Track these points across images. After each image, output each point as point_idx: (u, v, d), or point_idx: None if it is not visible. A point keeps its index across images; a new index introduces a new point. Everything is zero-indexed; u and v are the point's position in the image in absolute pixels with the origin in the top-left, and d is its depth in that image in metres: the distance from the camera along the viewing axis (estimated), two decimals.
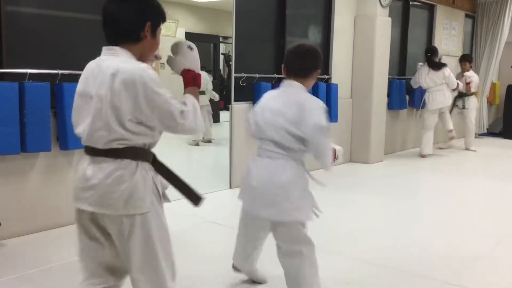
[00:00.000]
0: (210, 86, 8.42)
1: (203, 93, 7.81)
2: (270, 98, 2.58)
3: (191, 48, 2.04)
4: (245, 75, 5.38)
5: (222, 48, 12.98)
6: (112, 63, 1.80)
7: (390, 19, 6.92)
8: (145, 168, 1.83)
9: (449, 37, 9.22)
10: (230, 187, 5.29)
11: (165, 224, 1.90)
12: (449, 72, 7.37)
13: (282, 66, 2.61)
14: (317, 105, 2.41)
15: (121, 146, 1.79)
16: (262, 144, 2.51)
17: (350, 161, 6.99)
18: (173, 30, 11.17)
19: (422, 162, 7.16)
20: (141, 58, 1.92)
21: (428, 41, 8.72)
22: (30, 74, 3.56)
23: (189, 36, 11.73)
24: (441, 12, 8.80)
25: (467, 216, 4.58)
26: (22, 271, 3.05)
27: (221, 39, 12.64)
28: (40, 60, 3.72)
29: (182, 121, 1.81)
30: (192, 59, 2.04)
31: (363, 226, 4.18)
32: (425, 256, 3.48)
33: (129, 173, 1.79)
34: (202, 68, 9.31)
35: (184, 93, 1.96)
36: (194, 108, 1.88)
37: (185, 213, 4.33)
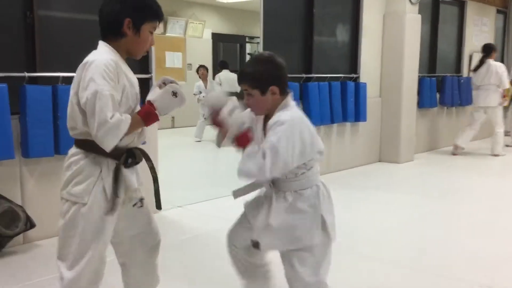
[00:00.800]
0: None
1: (236, 94, 7.79)
2: None
3: (174, 95, 1.97)
4: None
5: (248, 48, 13.01)
6: (89, 56, 1.90)
7: (419, 16, 6.81)
8: (97, 162, 1.91)
9: (480, 33, 9.01)
10: None
11: (100, 221, 1.93)
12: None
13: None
14: None
15: (75, 137, 1.97)
16: None
17: (379, 161, 6.90)
18: (200, 31, 11.25)
19: (454, 161, 7.02)
20: (129, 55, 1.99)
21: (458, 38, 8.55)
22: (63, 77, 3.61)
23: (215, 36, 11.81)
24: (471, 8, 8.62)
25: (500, 217, 4.47)
26: (56, 272, 3.09)
27: (247, 39, 12.69)
28: (72, 63, 3.76)
29: (98, 127, 1.79)
30: (166, 101, 1.96)
31: (394, 226, 4.11)
32: (456, 257, 3.41)
33: (74, 162, 1.94)
34: (230, 69, 9.40)
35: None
36: (117, 126, 1.81)
37: (215, 214, 4.36)
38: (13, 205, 3.31)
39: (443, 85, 7.94)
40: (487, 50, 7.28)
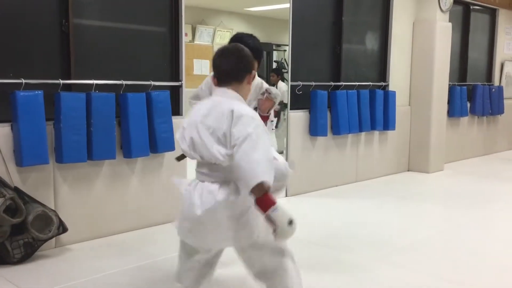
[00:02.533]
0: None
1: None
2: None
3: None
4: (301, 83, 5.35)
5: (275, 55, 13.02)
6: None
7: (450, 24, 6.72)
8: None
9: (511, 42, 8.84)
10: (286, 195, 5.27)
11: None
12: None
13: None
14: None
15: None
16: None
17: (408, 170, 6.81)
18: (227, 39, 11.32)
19: (484, 171, 6.87)
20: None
21: (489, 46, 8.40)
22: (96, 84, 3.68)
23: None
24: (503, 16, 8.46)
25: None
26: (87, 276, 3.14)
27: (274, 47, 12.69)
28: (106, 71, 3.85)
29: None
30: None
31: (427, 237, 4.04)
32: (491, 271, 3.33)
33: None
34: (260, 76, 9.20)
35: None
36: None
37: None
38: (47, 209, 3.37)
39: (474, 94, 7.80)
40: None
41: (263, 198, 1.90)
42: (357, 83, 5.96)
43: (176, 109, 4.29)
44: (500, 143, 8.73)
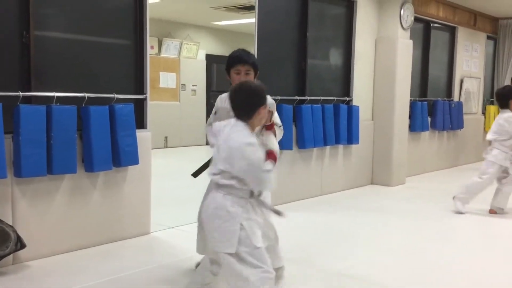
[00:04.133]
0: None
1: None
2: None
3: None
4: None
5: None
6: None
7: (411, 41, 6.92)
8: None
9: (470, 59, 9.16)
10: None
11: None
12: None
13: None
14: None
15: None
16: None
17: (372, 183, 6.92)
18: (194, 52, 11.32)
19: (446, 186, 7.05)
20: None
21: (449, 63, 8.68)
22: (58, 97, 3.62)
23: (209, 57, 11.89)
24: (462, 34, 8.77)
25: (497, 238, 4.48)
26: None
27: None
28: (67, 83, 3.79)
29: None
30: None
31: (390, 250, 4.10)
32: (452, 280, 3.41)
33: None
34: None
35: None
36: None
37: (171, 244, 4.30)
38: (4, 225, 3.27)
39: (435, 109, 8.03)
40: None
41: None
42: (322, 98, 6.05)
43: (141, 122, 4.25)
44: (460, 157, 8.99)
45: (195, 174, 3.43)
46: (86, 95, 3.78)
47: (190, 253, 3.85)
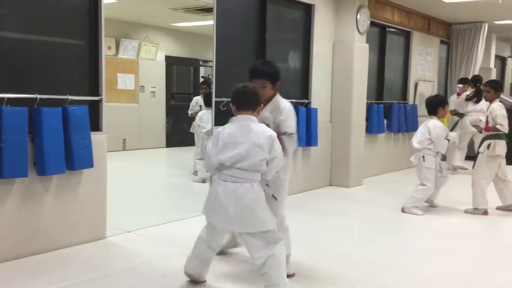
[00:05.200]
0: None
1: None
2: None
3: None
4: (225, 99, 5.39)
5: (202, 71, 13.03)
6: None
7: (367, 45, 7.05)
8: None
9: (425, 62, 9.43)
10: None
11: None
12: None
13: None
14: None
15: None
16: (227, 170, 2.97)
17: (330, 185, 7.02)
18: (153, 54, 11.18)
19: (402, 186, 7.21)
20: None
21: (404, 66, 8.91)
22: (8, 98, 3.50)
23: (169, 59, 11.77)
24: (416, 39, 9.01)
25: (448, 239, 4.61)
26: None
27: (201, 63, 12.71)
28: (19, 84, 3.67)
29: None
30: None
31: (345, 251, 4.17)
32: (406, 277, 3.49)
33: None
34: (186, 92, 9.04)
35: None
36: None
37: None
38: None
39: (390, 111, 8.22)
40: None
41: None
42: None
43: (96, 125, 4.16)
44: None
45: None
46: (38, 96, 3.67)
47: (147, 258, 3.81)
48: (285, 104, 3.39)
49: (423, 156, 5.42)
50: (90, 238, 4.10)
